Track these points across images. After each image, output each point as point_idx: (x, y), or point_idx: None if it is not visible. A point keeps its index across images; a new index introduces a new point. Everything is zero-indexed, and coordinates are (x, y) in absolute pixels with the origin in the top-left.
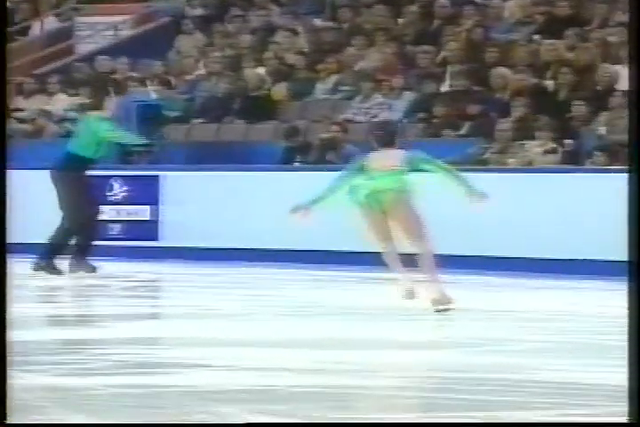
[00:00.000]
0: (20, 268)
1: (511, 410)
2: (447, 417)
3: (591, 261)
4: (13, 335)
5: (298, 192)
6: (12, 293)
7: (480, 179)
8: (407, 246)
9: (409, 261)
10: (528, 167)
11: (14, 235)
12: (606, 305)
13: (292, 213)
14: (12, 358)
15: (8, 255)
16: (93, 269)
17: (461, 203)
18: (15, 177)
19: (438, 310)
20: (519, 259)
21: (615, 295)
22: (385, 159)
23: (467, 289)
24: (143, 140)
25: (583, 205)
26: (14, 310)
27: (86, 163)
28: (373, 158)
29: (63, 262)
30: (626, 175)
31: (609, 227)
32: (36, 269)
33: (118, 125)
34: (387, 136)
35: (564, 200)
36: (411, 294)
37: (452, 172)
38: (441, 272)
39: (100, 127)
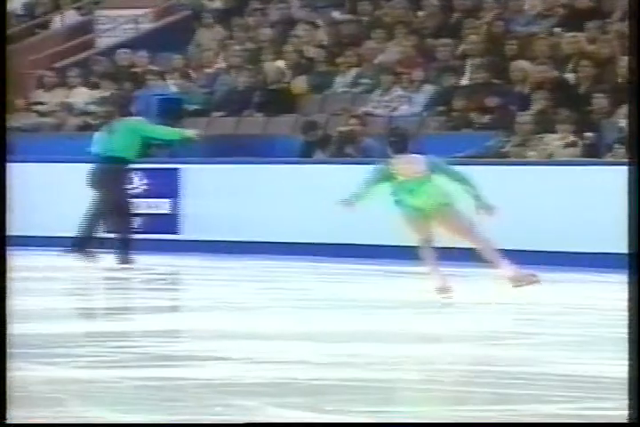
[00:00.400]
0: (40, 261)
1: (532, 403)
2: (468, 411)
3: (611, 254)
4: (33, 328)
5: (317, 185)
6: (33, 286)
7: (500, 172)
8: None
9: (445, 254)
10: (548, 160)
11: (36, 228)
12: (625, 299)
13: (343, 205)
14: (32, 350)
15: (34, 249)
16: (131, 262)
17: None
18: (34, 170)
19: (519, 286)
20: (537, 252)
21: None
22: (407, 165)
23: (484, 282)
24: (188, 134)
25: (603, 199)
26: (34, 303)
27: (127, 163)
28: (396, 163)
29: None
30: None
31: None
32: (76, 250)
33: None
34: (399, 143)
35: (584, 193)
36: (445, 290)
37: (465, 181)
38: (458, 266)
39: (147, 129)
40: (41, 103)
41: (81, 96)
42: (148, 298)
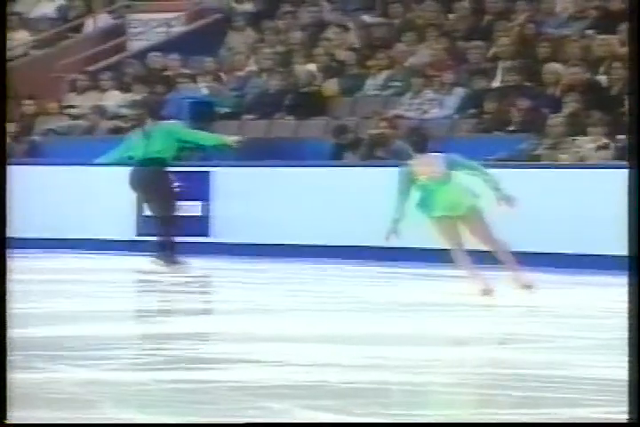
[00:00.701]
0: (73, 263)
1: (564, 407)
2: (500, 414)
3: None
4: (65, 331)
5: (347, 188)
6: (65, 289)
7: (532, 175)
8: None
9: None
10: (580, 163)
11: (74, 231)
12: None
13: (387, 240)
14: (64, 353)
15: (72, 251)
16: (178, 263)
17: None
18: (67, 173)
19: (530, 289)
20: (570, 255)
21: None
22: (427, 165)
23: (507, 285)
24: (227, 141)
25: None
26: (66, 305)
27: (167, 165)
28: (417, 164)
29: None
30: None
31: None
32: (161, 261)
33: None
34: (419, 143)
35: (617, 196)
36: (488, 291)
37: (485, 174)
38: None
39: (184, 133)
40: (73, 106)
41: (113, 99)
42: (178, 301)
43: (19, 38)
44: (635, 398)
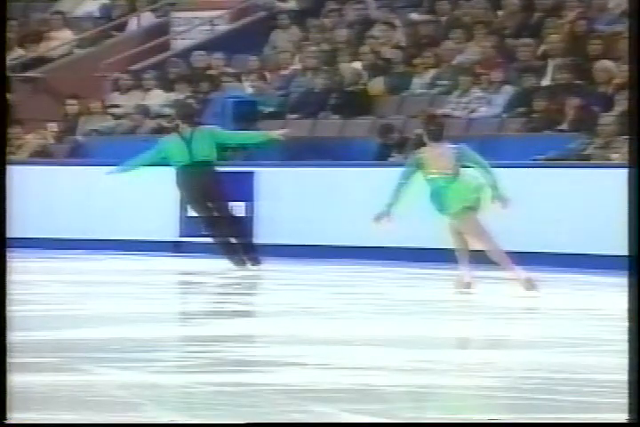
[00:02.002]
0: (116, 265)
1: (619, 413)
2: (544, 419)
3: None
4: (108, 332)
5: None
6: (107, 290)
7: (582, 174)
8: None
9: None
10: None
11: (117, 232)
12: None
13: (376, 222)
14: (107, 355)
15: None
16: (243, 263)
17: (571, 202)
18: (107, 173)
19: (531, 289)
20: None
21: None
22: (438, 158)
23: (561, 288)
24: (273, 135)
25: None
26: (109, 307)
27: (214, 165)
28: (427, 157)
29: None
30: None
31: None
32: (235, 264)
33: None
34: (435, 131)
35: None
36: (467, 285)
37: (488, 172)
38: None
39: (224, 136)
40: (117, 106)
41: (157, 99)
42: (222, 302)
43: (62, 37)
44: (635, 399)
